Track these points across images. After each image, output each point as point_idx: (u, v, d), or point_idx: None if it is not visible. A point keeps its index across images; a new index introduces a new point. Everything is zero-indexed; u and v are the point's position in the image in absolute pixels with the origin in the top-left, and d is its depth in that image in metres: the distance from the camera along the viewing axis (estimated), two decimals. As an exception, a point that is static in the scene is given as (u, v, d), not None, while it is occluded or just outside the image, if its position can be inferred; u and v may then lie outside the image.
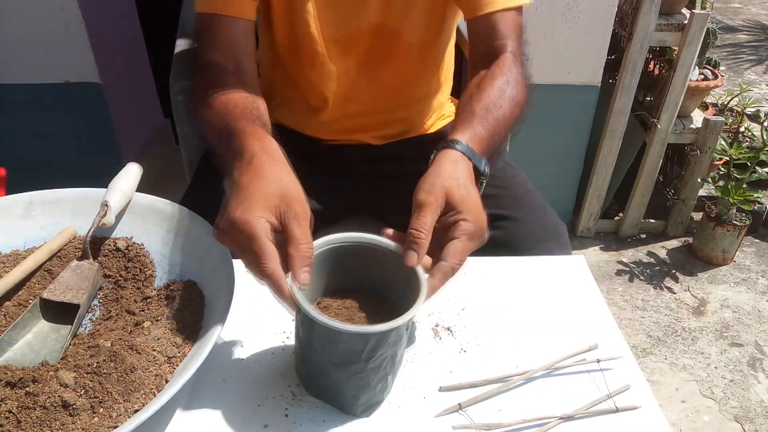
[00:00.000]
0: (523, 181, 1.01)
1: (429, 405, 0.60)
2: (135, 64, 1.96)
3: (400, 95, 1.02)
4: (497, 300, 0.73)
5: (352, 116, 1.02)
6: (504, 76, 0.81)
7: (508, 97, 0.78)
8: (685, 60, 1.82)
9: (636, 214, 2.15)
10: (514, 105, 0.79)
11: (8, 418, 0.51)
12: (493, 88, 0.78)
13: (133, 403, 0.54)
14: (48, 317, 0.65)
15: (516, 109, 0.79)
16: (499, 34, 0.86)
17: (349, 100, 1.00)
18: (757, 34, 4.13)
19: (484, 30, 0.87)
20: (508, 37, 0.86)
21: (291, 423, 0.58)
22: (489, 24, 0.86)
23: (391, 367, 0.57)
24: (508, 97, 0.78)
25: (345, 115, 1.02)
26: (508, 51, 0.85)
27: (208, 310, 0.64)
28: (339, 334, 0.52)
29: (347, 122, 1.03)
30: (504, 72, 0.81)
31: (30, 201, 0.75)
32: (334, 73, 0.96)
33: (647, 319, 1.84)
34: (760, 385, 1.62)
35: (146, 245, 0.73)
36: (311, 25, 0.91)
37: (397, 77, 1.00)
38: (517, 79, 0.82)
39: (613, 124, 1.96)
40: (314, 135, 1.04)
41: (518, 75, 0.82)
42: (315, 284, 0.63)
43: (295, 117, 1.05)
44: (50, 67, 1.65)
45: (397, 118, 1.05)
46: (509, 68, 0.82)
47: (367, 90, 0.99)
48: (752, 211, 2.03)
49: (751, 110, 2.29)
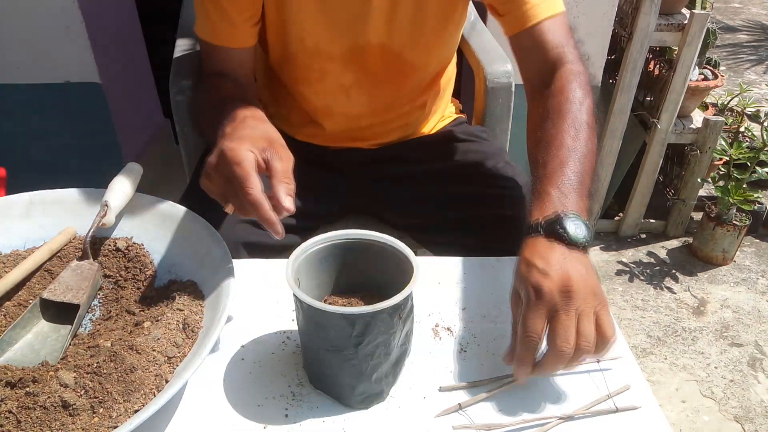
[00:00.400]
0: (525, 181, 1.01)
1: (429, 405, 0.60)
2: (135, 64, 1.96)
3: (400, 108, 1.01)
4: (497, 300, 0.73)
5: (351, 129, 1.01)
6: (569, 104, 0.74)
7: (582, 129, 0.72)
8: (685, 60, 1.82)
9: (636, 214, 2.15)
10: (589, 134, 0.72)
11: (8, 418, 0.51)
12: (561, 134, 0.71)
13: (133, 403, 0.54)
14: (48, 317, 0.65)
15: (592, 135, 0.73)
16: (551, 44, 0.80)
17: (346, 114, 0.99)
18: (757, 34, 4.13)
19: (534, 44, 0.82)
20: (560, 44, 0.81)
21: (291, 423, 0.58)
22: (537, 37, 0.81)
23: (386, 356, 0.58)
24: (581, 131, 0.72)
25: (343, 128, 1.01)
26: (566, 61, 0.80)
27: (208, 310, 0.64)
28: (325, 315, 0.54)
29: (345, 133, 1.02)
30: (567, 98, 0.75)
31: (30, 201, 0.75)
32: (330, 89, 0.95)
33: (647, 319, 1.84)
34: (760, 385, 1.62)
35: (146, 245, 0.73)
36: (307, 41, 0.89)
37: (397, 92, 0.98)
38: (582, 97, 0.75)
39: (613, 124, 1.96)
40: (312, 142, 1.04)
41: (582, 93, 0.76)
42: (321, 282, 0.64)
43: (293, 127, 1.04)
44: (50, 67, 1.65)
45: (396, 126, 1.04)
46: (572, 89, 0.76)
47: (365, 105, 0.98)
48: (752, 211, 2.03)
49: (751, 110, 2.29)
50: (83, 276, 0.67)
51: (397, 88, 0.98)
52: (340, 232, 0.62)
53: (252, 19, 0.86)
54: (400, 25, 0.88)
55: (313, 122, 1.01)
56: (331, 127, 1.00)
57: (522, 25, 0.82)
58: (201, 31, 0.88)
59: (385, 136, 1.04)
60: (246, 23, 0.86)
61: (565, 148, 0.70)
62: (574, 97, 0.75)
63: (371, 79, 0.94)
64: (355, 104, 0.97)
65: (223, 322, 0.59)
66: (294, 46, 0.90)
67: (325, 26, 0.88)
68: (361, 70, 0.93)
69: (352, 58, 0.91)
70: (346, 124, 1.00)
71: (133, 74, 1.94)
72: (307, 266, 0.62)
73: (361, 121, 1.00)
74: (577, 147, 0.70)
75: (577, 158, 0.69)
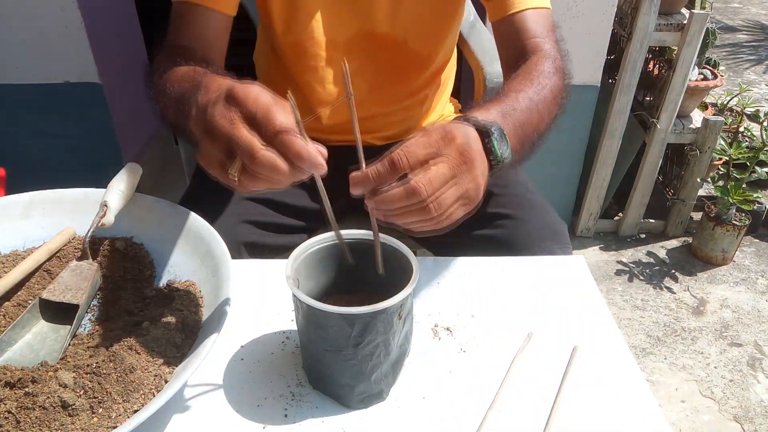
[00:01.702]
0: (523, 180, 1.01)
1: (429, 405, 0.60)
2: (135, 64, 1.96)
3: (403, 99, 1.02)
4: (497, 300, 0.73)
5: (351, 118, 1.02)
6: (537, 71, 0.75)
7: (544, 91, 0.73)
8: (685, 60, 1.82)
9: (636, 214, 2.15)
10: (549, 99, 0.74)
11: (7, 419, 0.51)
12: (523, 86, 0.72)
13: (132, 403, 0.54)
14: (47, 317, 0.65)
15: (552, 102, 0.74)
16: (530, 33, 0.83)
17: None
18: (756, 34, 4.13)
19: (515, 30, 0.84)
20: (540, 35, 0.83)
21: (290, 423, 0.58)
22: (518, 23, 0.84)
23: (386, 356, 0.58)
24: (543, 91, 0.73)
25: (345, 119, 1.02)
26: (542, 49, 0.82)
27: (208, 310, 0.64)
28: (326, 316, 0.54)
29: (346, 125, 1.02)
30: (537, 68, 0.76)
31: (30, 201, 0.75)
32: (333, 77, 0.95)
33: (647, 319, 1.84)
34: (759, 384, 1.62)
35: (146, 245, 0.73)
36: (314, 29, 0.90)
37: (400, 82, 0.99)
38: (551, 71, 0.77)
39: (612, 124, 1.96)
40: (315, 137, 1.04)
41: (552, 68, 0.78)
42: (321, 282, 0.64)
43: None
44: (50, 67, 1.65)
45: (398, 120, 1.04)
46: (543, 63, 0.78)
47: (369, 95, 0.99)
48: (752, 211, 2.03)
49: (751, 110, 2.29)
50: (83, 276, 0.67)
51: (400, 78, 0.98)
52: (342, 232, 0.62)
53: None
54: (404, 13, 0.89)
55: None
56: (334, 116, 1.01)
57: (505, 11, 0.85)
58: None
59: (386, 129, 1.05)
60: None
61: (522, 94, 0.71)
62: (544, 68, 0.77)
63: (374, 68, 0.95)
64: (358, 92, 0.98)
65: (223, 323, 0.58)
66: (301, 35, 0.91)
67: (331, 15, 0.89)
68: (365, 58, 0.94)
69: (355, 46, 0.93)
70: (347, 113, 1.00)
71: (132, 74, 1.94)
72: (307, 266, 0.62)
73: (363, 110, 1.01)
74: (534, 100, 0.71)
75: (531, 107, 0.70)
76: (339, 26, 0.90)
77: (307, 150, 0.48)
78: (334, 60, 0.94)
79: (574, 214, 2.19)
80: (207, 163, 0.52)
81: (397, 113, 1.03)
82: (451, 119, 0.59)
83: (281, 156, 0.48)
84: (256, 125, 0.49)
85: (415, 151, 0.52)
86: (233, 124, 0.49)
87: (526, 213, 0.92)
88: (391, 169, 0.52)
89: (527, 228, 0.90)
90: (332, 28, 0.90)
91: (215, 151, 0.51)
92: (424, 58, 0.98)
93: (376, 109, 1.01)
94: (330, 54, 0.93)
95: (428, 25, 0.92)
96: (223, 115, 0.50)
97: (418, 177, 0.52)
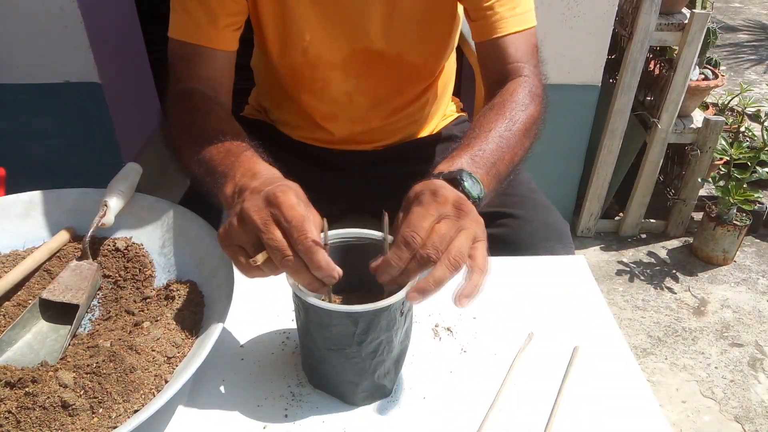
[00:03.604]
0: (526, 179, 1.01)
1: (430, 405, 0.60)
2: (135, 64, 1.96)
3: (404, 108, 1.02)
4: (497, 300, 0.73)
5: (355, 133, 1.02)
6: (512, 103, 0.78)
7: (516, 126, 0.76)
8: (686, 60, 1.82)
9: (636, 214, 2.15)
10: (522, 132, 0.76)
11: (7, 419, 0.51)
12: (494, 123, 0.75)
13: (132, 403, 0.54)
14: (47, 317, 0.65)
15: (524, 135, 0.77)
16: (511, 58, 0.84)
17: (350, 118, 0.99)
18: (757, 34, 4.13)
19: (495, 54, 0.85)
20: (521, 59, 0.84)
21: (290, 423, 0.58)
22: (501, 47, 0.85)
23: (389, 353, 0.58)
24: (515, 126, 0.75)
25: (348, 133, 1.02)
26: (522, 75, 0.83)
27: (208, 310, 0.64)
28: (329, 315, 0.54)
29: (350, 137, 1.02)
30: (512, 99, 0.79)
31: (30, 201, 0.75)
32: (333, 96, 0.95)
33: (647, 319, 1.84)
34: (760, 385, 1.61)
35: (146, 245, 0.73)
36: (309, 51, 0.89)
37: (400, 95, 0.99)
38: (526, 102, 0.79)
39: (613, 124, 1.95)
40: (325, 147, 1.04)
41: (528, 98, 0.80)
42: None
43: (294, 131, 1.04)
44: (50, 67, 1.65)
45: (400, 127, 1.04)
46: (518, 93, 0.80)
47: (370, 110, 0.99)
48: (753, 211, 2.03)
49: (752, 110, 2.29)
50: (83, 276, 0.67)
51: (400, 90, 0.98)
52: (340, 231, 0.62)
53: (236, 24, 0.85)
54: (398, 28, 0.89)
55: (319, 128, 1.01)
56: (337, 131, 1.01)
57: (488, 35, 0.85)
58: (180, 32, 0.83)
59: (388, 138, 1.05)
60: (230, 27, 0.84)
61: (493, 132, 0.73)
62: (519, 99, 0.79)
63: (373, 83, 0.95)
64: (359, 109, 0.98)
65: (223, 323, 0.58)
66: (297, 59, 0.91)
67: (325, 36, 0.88)
68: (363, 75, 0.94)
69: (352, 65, 0.92)
70: (350, 128, 1.01)
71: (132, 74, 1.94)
72: None
73: (365, 124, 1.00)
74: (505, 136, 0.73)
75: (501, 145, 0.72)
76: (334, 46, 0.89)
77: (328, 265, 0.53)
78: (332, 79, 0.93)
79: (575, 214, 2.19)
80: (226, 241, 0.56)
81: (399, 121, 1.03)
82: (423, 180, 0.61)
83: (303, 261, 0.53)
84: (289, 232, 0.53)
85: (421, 224, 0.55)
86: (267, 225, 0.54)
87: (529, 213, 0.92)
88: (407, 248, 0.54)
89: (530, 228, 0.90)
90: (327, 48, 0.89)
91: (240, 235, 0.55)
92: (421, 70, 0.97)
93: (377, 122, 1.01)
94: (328, 74, 0.93)
95: (423, 38, 0.91)
96: (260, 212, 0.54)
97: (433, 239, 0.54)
